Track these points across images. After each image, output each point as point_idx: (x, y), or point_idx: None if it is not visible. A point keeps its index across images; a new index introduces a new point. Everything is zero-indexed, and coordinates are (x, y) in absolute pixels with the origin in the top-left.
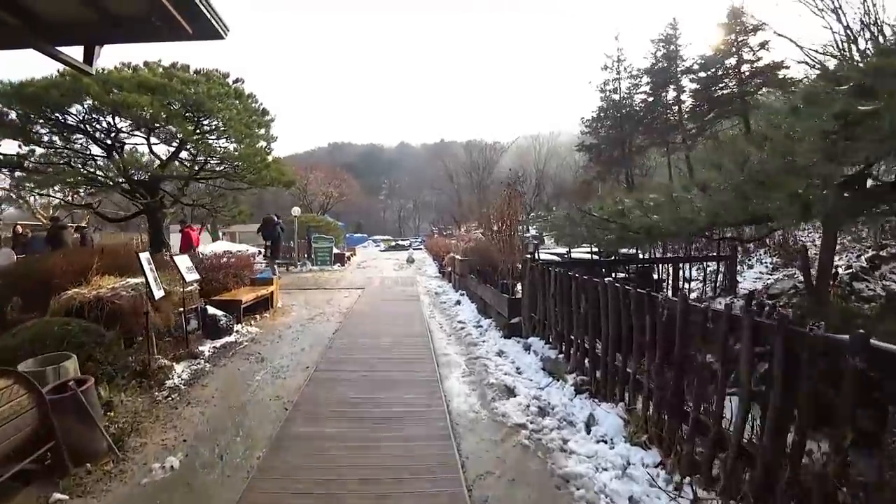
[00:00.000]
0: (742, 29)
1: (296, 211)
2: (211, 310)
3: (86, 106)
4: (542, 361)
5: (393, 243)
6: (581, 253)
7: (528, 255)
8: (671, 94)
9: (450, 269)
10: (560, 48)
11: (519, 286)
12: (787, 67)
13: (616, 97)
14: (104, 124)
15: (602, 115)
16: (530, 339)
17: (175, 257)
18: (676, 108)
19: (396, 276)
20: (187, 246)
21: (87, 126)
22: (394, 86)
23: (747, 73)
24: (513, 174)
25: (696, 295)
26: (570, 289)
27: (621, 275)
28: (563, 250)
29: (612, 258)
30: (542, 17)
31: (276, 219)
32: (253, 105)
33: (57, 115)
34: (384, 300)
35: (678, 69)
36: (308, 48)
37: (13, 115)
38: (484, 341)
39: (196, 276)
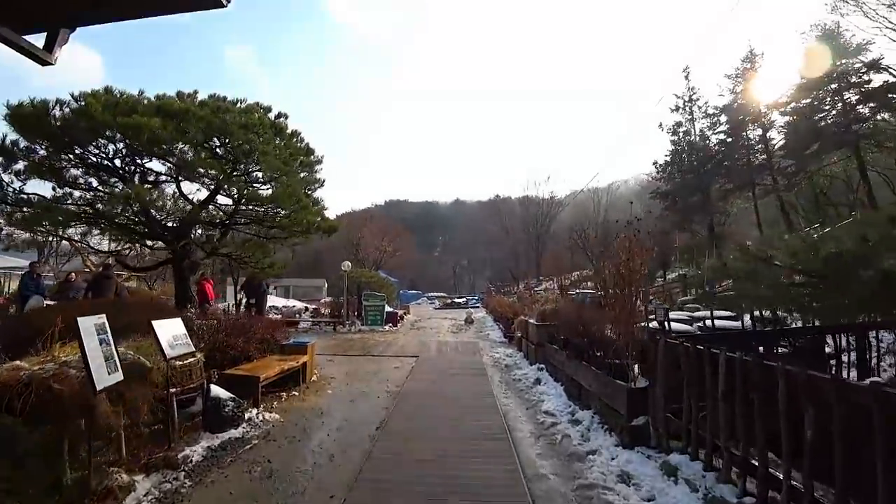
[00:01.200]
0: (842, 50)
1: (346, 265)
2: (216, 390)
3: (120, 145)
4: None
5: (448, 301)
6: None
7: (652, 325)
8: (755, 132)
9: (520, 334)
10: (617, 95)
11: (636, 368)
12: None
13: (690, 138)
14: (127, 160)
15: (676, 159)
16: (674, 458)
17: (155, 324)
18: (762, 146)
19: (455, 342)
20: (202, 301)
21: (114, 162)
22: (449, 143)
23: (855, 99)
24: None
25: (889, 375)
26: (766, 388)
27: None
28: (681, 315)
29: (768, 328)
30: (595, 64)
31: (262, 277)
32: (297, 144)
33: (77, 148)
34: (443, 375)
35: (761, 103)
36: (367, 110)
37: (41, 151)
38: (593, 452)
39: (188, 348)
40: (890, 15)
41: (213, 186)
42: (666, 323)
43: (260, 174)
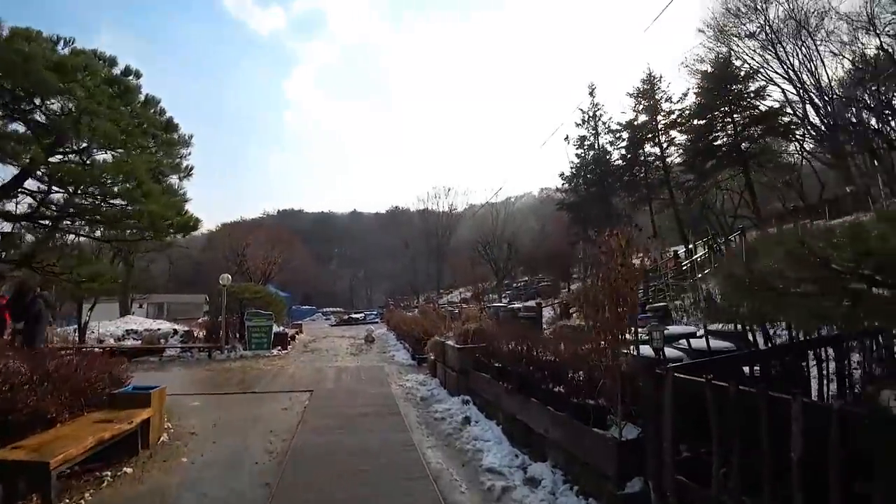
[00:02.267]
0: (733, 77)
1: (224, 279)
2: None
3: None
4: None
5: (345, 316)
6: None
7: (634, 351)
8: (655, 149)
9: (433, 356)
10: (519, 111)
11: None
12: (787, 115)
13: (594, 153)
14: None
15: (580, 172)
16: None
17: None
18: (660, 162)
19: (357, 367)
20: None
21: None
22: (346, 152)
23: (743, 122)
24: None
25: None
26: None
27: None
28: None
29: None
30: (497, 81)
31: (37, 290)
32: (155, 115)
33: None
34: (345, 416)
35: (661, 122)
36: (262, 117)
37: None
38: None
39: None
40: (756, 56)
41: (25, 165)
42: (661, 351)
43: (104, 154)
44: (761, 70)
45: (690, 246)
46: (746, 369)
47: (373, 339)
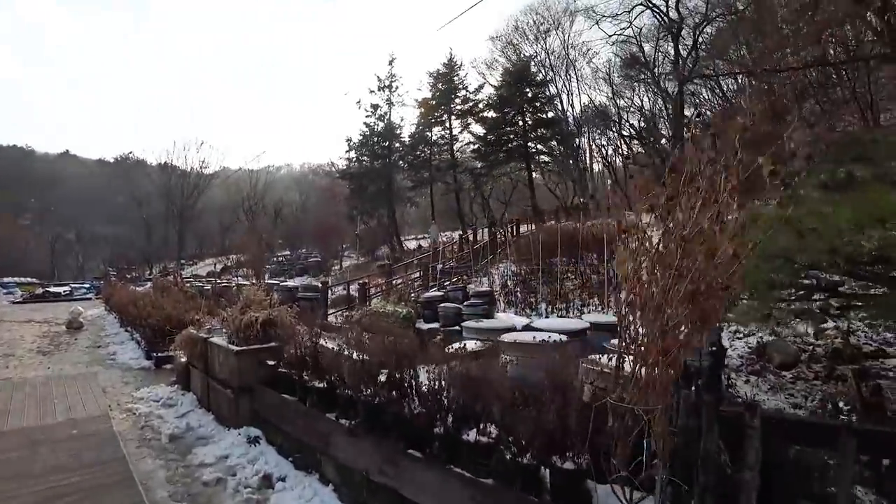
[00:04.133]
0: (529, 81)
1: None
2: None
3: None
4: None
5: (40, 290)
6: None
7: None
8: (445, 132)
9: (185, 359)
10: (291, 73)
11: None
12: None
13: (383, 125)
14: None
15: (368, 142)
16: None
17: None
18: (448, 147)
19: (48, 377)
20: None
21: None
22: (66, 76)
23: (530, 123)
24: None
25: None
26: None
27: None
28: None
29: None
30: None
31: None
32: None
33: None
34: None
35: (454, 108)
36: None
37: None
38: None
39: None
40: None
41: None
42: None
43: None
44: (544, 84)
45: (470, 231)
46: None
47: (81, 324)
